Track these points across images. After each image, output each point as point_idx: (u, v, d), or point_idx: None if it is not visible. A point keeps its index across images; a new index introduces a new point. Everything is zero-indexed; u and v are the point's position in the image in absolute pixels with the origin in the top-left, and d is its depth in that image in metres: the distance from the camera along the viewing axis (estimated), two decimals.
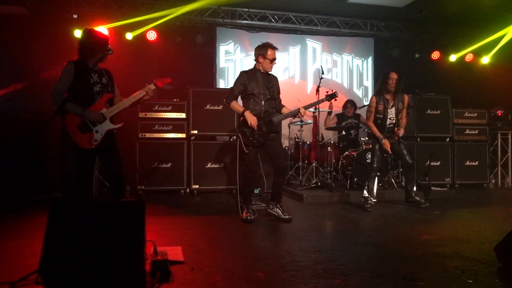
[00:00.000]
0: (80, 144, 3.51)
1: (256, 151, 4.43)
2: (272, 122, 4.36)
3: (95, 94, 3.60)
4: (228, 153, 6.47)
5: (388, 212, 5.13)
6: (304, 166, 6.59)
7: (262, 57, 4.38)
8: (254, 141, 4.33)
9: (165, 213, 4.91)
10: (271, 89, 4.42)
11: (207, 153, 6.41)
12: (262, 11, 8.16)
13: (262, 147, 4.43)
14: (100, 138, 3.58)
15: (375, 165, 5.26)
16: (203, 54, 8.42)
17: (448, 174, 7.02)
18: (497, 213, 5.05)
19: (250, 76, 4.40)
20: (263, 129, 4.34)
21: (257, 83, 4.37)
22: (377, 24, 8.79)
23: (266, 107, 4.38)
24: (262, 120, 4.34)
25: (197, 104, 6.44)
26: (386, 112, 5.21)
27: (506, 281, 2.67)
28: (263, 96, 4.37)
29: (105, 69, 3.80)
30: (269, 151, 4.48)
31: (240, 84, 4.39)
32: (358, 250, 3.35)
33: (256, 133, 4.32)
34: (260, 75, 4.42)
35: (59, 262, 2.14)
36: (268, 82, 4.44)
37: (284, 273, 2.75)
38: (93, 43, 3.57)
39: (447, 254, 3.19)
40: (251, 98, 4.37)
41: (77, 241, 2.17)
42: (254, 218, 4.42)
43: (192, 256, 3.09)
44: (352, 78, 9.13)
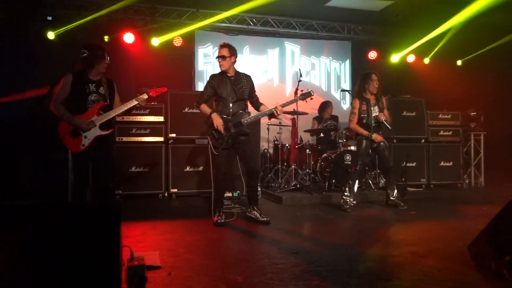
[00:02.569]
0: (68, 147, 3.92)
1: (226, 153, 4.42)
2: (241, 124, 4.35)
3: (89, 103, 3.95)
4: (207, 156, 6.37)
5: (365, 213, 5.19)
6: (283, 169, 6.61)
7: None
8: (222, 142, 4.33)
9: (142, 217, 4.84)
10: (238, 91, 4.40)
11: (186, 157, 6.36)
12: (240, 14, 8.17)
13: (233, 149, 4.42)
14: (88, 143, 3.90)
15: (359, 166, 5.33)
16: (182, 57, 8.37)
17: (423, 175, 7.16)
18: (471, 212, 5.18)
19: (218, 79, 4.42)
20: (231, 131, 4.33)
21: (225, 86, 4.38)
22: (354, 27, 8.92)
23: (234, 109, 4.38)
24: (230, 121, 4.34)
25: (175, 107, 6.39)
26: (370, 111, 5.30)
27: (479, 278, 2.74)
28: (231, 98, 4.38)
29: (109, 79, 4.16)
30: (240, 154, 4.48)
31: (209, 88, 4.42)
32: (336, 251, 3.38)
33: (225, 135, 4.32)
34: (228, 78, 4.42)
35: (28, 268, 2.08)
36: (236, 84, 4.42)
37: (262, 275, 2.75)
38: (91, 57, 3.89)
39: (422, 253, 3.26)
40: (220, 101, 4.42)
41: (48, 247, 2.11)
42: (226, 221, 4.39)
43: (170, 260, 3.06)
44: (330, 80, 9.22)
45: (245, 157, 4.47)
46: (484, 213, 4.71)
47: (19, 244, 2.14)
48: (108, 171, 4.10)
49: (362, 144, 5.33)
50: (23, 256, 2.11)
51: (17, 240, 2.13)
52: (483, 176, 7.88)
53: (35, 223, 2.19)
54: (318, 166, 6.53)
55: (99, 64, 3.96)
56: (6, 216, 2.21)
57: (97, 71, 4.01)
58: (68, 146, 3.91)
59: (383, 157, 5.43)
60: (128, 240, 3.53)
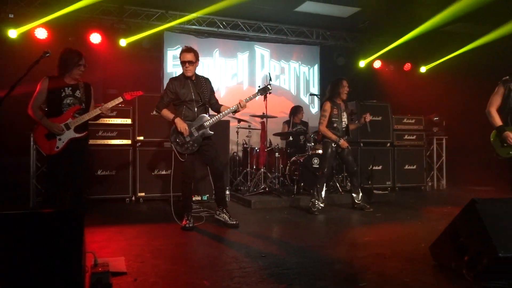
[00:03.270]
0: (42, 149, 4.04)
1: (193, 157, 4.37)
2: (204, 127, 4.32)
3: (65, 106, 4.06)
4: (175, 160, 6.35)
5: (333, 215, 5.27)
6: (252, 172, 6.63)
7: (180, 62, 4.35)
8: (188, 148, 4.27)
9: (108, 222, 4.73)
10: (202, 95, 4.36)
11: (154, 160, 6.26)
12: (210, 17, 8.15)
13: (198, 152, 4.38)
14: (62, 145, 4.01)
15: (326, 170, 5.40)
16: (150, 59, 8.26)
17: (389, 178, 7.36)
18: (433, 214, 5.35)
19: (180, 83, 4.31)
20: (195, 135, 4.29)
21: (189, 90, 4.30)
22: (323, 33, 9.08)
23: (199, 113, 4.35)
24: (193, 126, 4.29)
25: (144, 110, 6.28)
26: (341, 116, 5.42)
27: (440, 278, 2.83)
28: (196, 103, 4.33)
29: (86, 83, 4.28)
30: (204, 156, 4.45)
31: (169, 92, 4.31)
32: (303, 254, 3.41)
33: (189, 140, 4.27)
34: (190, 81, 4.34)
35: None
36: (199, 87, 4.37)
37: (230, 280, 2.74)
38: (66, 61, 4.05)
39: (386, 255, 3.34)
40: (184, 105, 4.31)
41: (7, 254, 2.03)
42: (194, 226, 4.34)
43: (136, 266, 3.00)
44: (299, 85, 9.33)
45: (209, 159, 4.45)
46: (446, 215, 4.89)
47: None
48: (82, 174, 4.20)
49: (328, 148, 5.41)
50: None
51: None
52: (444, 179, 8.18)
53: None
54: (287, 169, 6.58)
55: (74, 69, 4.08)
56: None
57: (73, 77, 4.13)
58: (42, 148, 4.03)
59: (347, 162, 5.53)
60: (93, 245, 3.44)
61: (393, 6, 7.49)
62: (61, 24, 7.06)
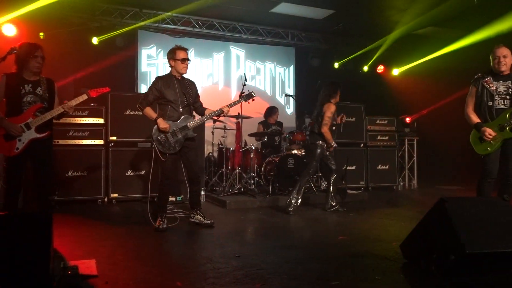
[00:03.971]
0: (1, 151, 3.74)
1: (174, 158, 4.34)
2: (187, 128, 4.31)
3: (25, 104, 3.76)
4: (150, 160, 6.22)
5: (307, 215, 5.32)
6: (228, 172, 6.61)
7: (173, 60, 4.31)
8: (170, 148, 4.25)
9: (79, 224, 4.62)
10: (187, 95, 4.36)
11: (127, 160, 6.16)
12: (185, 16, 8.09)
13: (179, 153, 4.35)
14: (22, 146, 3.70)
15: (312, 169, 5.46)
16: (124, 58, 8.12)
17: (362, 178, 7.48)
18: (405, 213, 5.47)
19: (166, 82, 4.30)
20: (178, 136, 4.27)
21: (174, 90, 4.29)
22: (298, 34, 9.15)
23: (184, 113, 4.33)
24: (177, 126, 4.27)
25: (117, 109, 6.17)
26: (336, 119, 5.55)
27: (410, 275, 2.90)
28: (181, 103, 4.31)
29: (49, 79, 3.96)
30: (184, 158, 4.42)
31: (155, 90, 4.27)
32: (278, 253, 3.43)
33: (172, 140, 4.25)
34: (176, 81, 4.33)
35: None
36: (185, 88, 4.37)
37: (204, 280, 2.72)
38: (22, 55, 3.73)
39: (359, 254, 3.39)
40: (169, 105, 4.28)
41: None
42: (167, 227, 4.29)
43: (107, 269, 2.94)
44: (274, 85, 9.38)
45: (188, 162, 4.43)
46: (416, 214, 5.00)
47: None
48: (46, 176, 3.91)
49: (319, 149, 5.36)
50: None
51: None
52: (416, 179, 8.38)
53: None
54: (262, 169, 6.59)
55: (31, 62, 3.76)
56: None
57: (31, 71, 3.81)
58: (1, 150, 3.73)
59: (329, 162, 5.51)
60: (62, 249, 3.34)
61: (367, 9, 7.62)
62: (30, 21, 6.84)
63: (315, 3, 7.50)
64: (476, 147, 4.08)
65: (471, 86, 4.14)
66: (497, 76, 4.00)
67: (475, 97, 4.10)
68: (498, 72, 3.99)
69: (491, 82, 3.99)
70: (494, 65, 4.00)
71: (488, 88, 3.98)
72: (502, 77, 3.99)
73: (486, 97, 4.00)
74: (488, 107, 3.99)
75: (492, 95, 3.96)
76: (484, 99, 4.00)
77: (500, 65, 3.94)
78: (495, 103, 3.95)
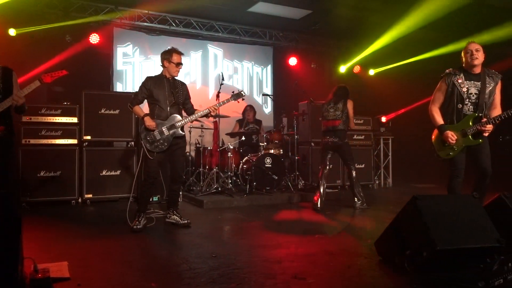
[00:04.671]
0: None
1: (160, 157, 4.33)
2: (175, 126, 4.31)
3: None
4: (126, 160, 6.19)
5: (284, 214, 5.34)
6: (205, 172, 6.57)
7: (167, 62, 4.38)
8: (158, 146, 4.24)
9: (52, 226, 4.52)
10: (176, 95, 4.38)
11: (102, 160, 6.05)
12: (162, 14, 7.99)
13: (166, 152, 4.34)
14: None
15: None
16: (99, 56, 7.96)
17: (339, 176, 7.55)
18: (380, 211, 5.56)
19: (155, 81, 4.36)
20: (166, 134, 4.27)
21: (163, 89, 4.33)
22: (276, 34, 9.17)
23: (172, 112, 4.35)
24: (164, 125, 4.28)
25: (91, 108, 6.05)
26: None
27: (384, 272, 2.95)
28: (168, 102, 4.34)
29: (4, 68, 3.68)
30: (170, 157, 4.43)
31: (144, 89, 4.32)
32: (254, 253, 3.43)
33: (160, 139, 4.25)
34: (166, 81, 4.38)
35: None
36: (174, 87, 4.41)
37: (179, 281, 2.70)
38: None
39: (335, 251, 3.43)
40: (157, 104, 4.32)
41: None
42: (144, 227, 4.24)
43: (80, 271, 2.88)
44: (252, 85, 9.38)
45: (173, 160, 4.44)
46: (391, 211, 5.09)
47: None
48: (4, 175, 3.63)
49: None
50: None
51: None
52: (391, 177, 8.53)
53: None
54: (239, 169, 6.58)
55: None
56: None
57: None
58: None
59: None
60: (33, 251, 3.25)
61: (343, 10, 7.70)
62: (1, 16, 6.63)
63: (292, 3, 7.54)
64: (439, 151, 3.97)
65: (441, 80, 3.93)
66: (469, 75, 3.83)
67: (444, 95, 3.90)
68: (470, 68, 3.82)
69: (463, 82, 3.81)
70: (467, 59, 3.81)
71: (459, 89, 3.81)
72: (474, 76, 3.82)
73: (456, 99, 3.82)
74: (457, 109, 3.83)
75: (462, 98, 3.80)
76: (454, 100, 3.83)
77: (472, 58, 3.75)
78: (465, 107, 3.80)
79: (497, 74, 3.87)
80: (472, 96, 3.81)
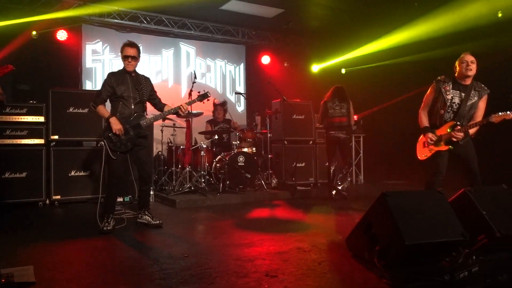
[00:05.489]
0: None
1: (124, 157, 4.22)
2: (140, 126, 4.22)
3: None
4: (96, 160, 6.03)
5: (257, 212, 5.35)
6: (177, 171, 6.51)
7: (121, 56, 4.23)
8: (121, 146, 4.13)
9: (18, 229, 4.37)
10: (140, 92, 4.26)
11: (71, 160, 5.89)
12: (133, 11, 7.85)
13: (130, 152, 4.25)
14: None
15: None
16: (67, 53, 7.74)
17: (311, 174, 7.63)
18: (351, 207, 5.66)
19: (118, 78, 4.20)
20: (130, 134, 4.16)
21: (126, 86, 4.19)
22: (248, 32, 9.17)
23: (136, 110, 4.23)
24: (129, 124, 4.16)
25: (59, 107, 5.88)
26: None
27: (354, 268, 2.99)
28: (133, 100, 4.21)
29: None
30: (136, 157, 4.32)
31: (108, 87, 4.15)
32: (227, 252, 3.41)
33: (123, 138, 4.13)
34: (129, 77, 4.24)
35: None
36: (138, 84, 4.27)
37: (150, 282, 2.66)
38: None
39: (307, 248, 3.46)
40: (120, 101, 4.18)
41: None
42: (114, 228, 4.16)
43: (47, 275, 2.79)
44: (225, 83, 9.35)
45: (140, 161, 4.33)
46: (362, 208, 5.17)
47: None
48: None
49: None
50: None
51: None
52: (362, 174, 8.67)
53: None
54: (212, 168, 6.55)
55: None
56: None
57: None
58: None
59: None
60: None
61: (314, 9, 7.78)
62: None
63: (264, 2, 7.55)
64: (418, 151, 4.25)
65: (431, 86, 4.17)
66: (458, 85, 4.05)
67: (432, 98, 4.14)
68: (462, 78, 4.03)
69: (449, 90, 4.04)
70: (461, 69, 4.01)
71: (444, 96, 4.04)
72: (462, 87, 4.04)
73: (440, 104, 4.06)
74: (439, 115, 4.08)
75: (445, 105, 4.03)
76: (437, 105, 4.08)
77: (467, 69, 3.96)
78: (446, 115, 4.04)
79: (485, 89, 4.09)
80: (454, 105, 4.05)
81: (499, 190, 3.48)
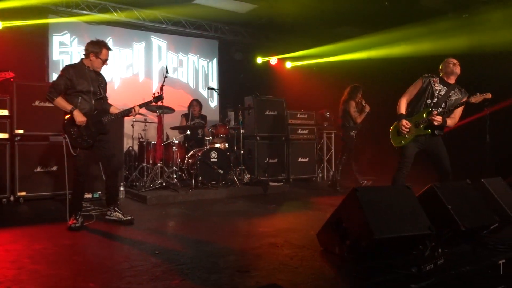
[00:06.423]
0: None
1: (87, 153, 4.12)
2: (101, 122, 4.14)
3: None
4: (62, 155, 5.83)
5: (229, 208, 5.34)
6: (149, 167, 6.41)
7: (95, 56, 4.11)
8: (82, 142, 4.02)
9: None
10: (101, 87, 4.19)
11: (37, 156, 5.68)
12: (102, 2, 7.64)
13: (92, 148, 4.14)
14: None
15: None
16: (33, 44, 7.46)
17: (284, 170, 7.69)
18: (323, 203, 5.73)
19: (77, 71, 4.06)
20: (92, 129, 4.06)
21: (87, 81, 4.08)
22: (222, 27, 9.10)
23: (96, 106, 4.14)
24: (91, 119, 4.06)
25: (24, 100, 5.64)
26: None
27: (326, 263, 3.04)
28: (93, 95, 4.12)
29: None
30: (100, 153, 4.23)
31: (66, 79, 3.99)
32: (198, 248, 3.40)
33: (85, 134, 4.03)
34: (89, 72, 4.14)
35: None
36: (97, 80, 4.20)
37: (119, 280, 2.61)
38: None
39: (279, 244, 3.48)
40: (79, 96, 4.04)
41: None
42: (82, 225, 4.06)
43: (11, 274, 2.70)
44: (198, 78, 9.26)
45: (105, 157, 4.24)
46: (333, 203, 5.23)
47: None
48: None
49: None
50: None
51: None
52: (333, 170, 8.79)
53: None
54: (185, 163, 6.49)
55: None
56: None
57: None
58: None
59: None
60: None
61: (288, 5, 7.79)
62: None
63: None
64: (393, 139, 4.35)
65: (418, 79, 4.29)
66: (444, 82, 4.25)
67: (417, 91, 4.28)
68: (448, 76, 4.24)
69: (438, 83, 4.23)
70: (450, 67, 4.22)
71: (433, 87, 4.21)
72: (447, 84, 4.25)
73: (428, 94, 4.22)
74: (426, 104, 4.21)
75: (433, 95, 4.19)
76: (425, 95, 4.22)
77: (456, 67, 4.21)
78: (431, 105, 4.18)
79: (466, 92, 4.30)
80: (440, 98, 4.21)
81: (464, 185, 3.62)
